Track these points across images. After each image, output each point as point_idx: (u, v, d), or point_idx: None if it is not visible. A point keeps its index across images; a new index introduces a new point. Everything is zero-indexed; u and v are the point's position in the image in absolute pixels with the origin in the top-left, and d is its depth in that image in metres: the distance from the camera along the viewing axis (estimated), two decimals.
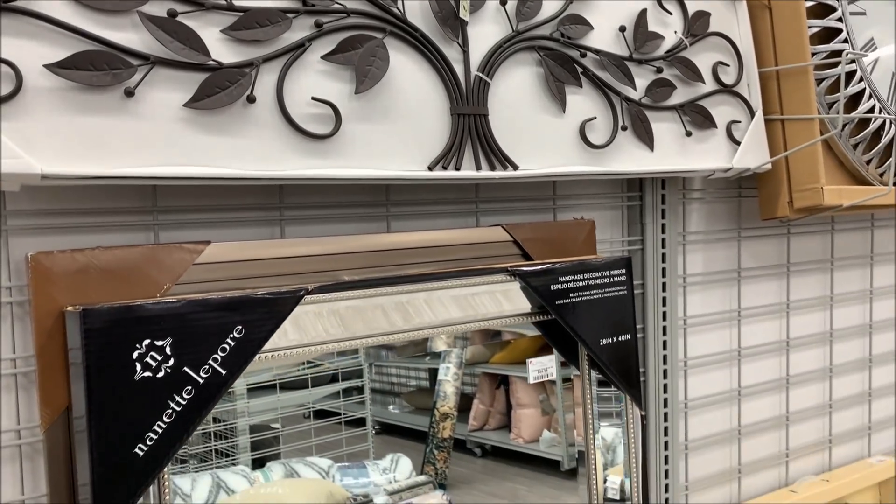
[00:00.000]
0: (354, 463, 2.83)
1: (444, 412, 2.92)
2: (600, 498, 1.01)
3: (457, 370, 2.96)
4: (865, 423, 1.48)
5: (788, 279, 1.33)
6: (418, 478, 2.72)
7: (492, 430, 3.12)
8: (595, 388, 0.96)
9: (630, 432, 0.97)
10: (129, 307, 0.62)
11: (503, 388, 3.09)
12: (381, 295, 0.78)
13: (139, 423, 0.62)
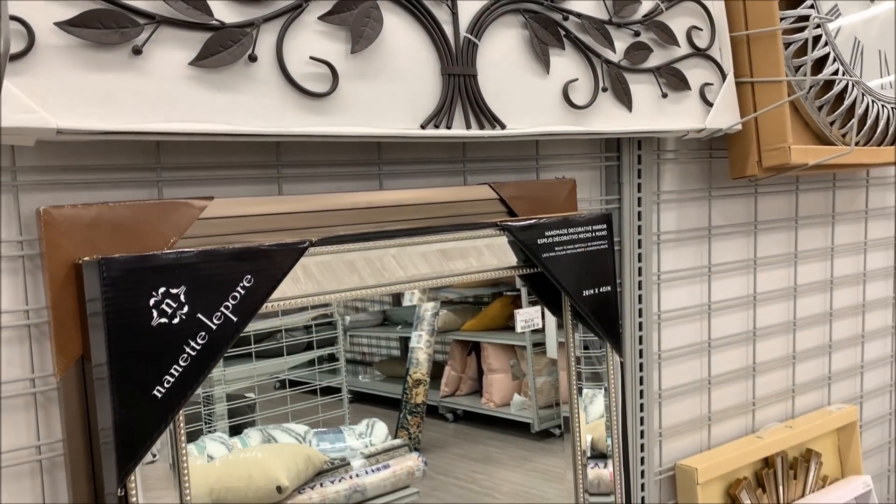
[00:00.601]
0: (331, 428, 2.89)
1: (416, 378, 2.98)
2: (584, 445, 1.07)
3: (429, 338, 3.03)
4: (826, 374, 1.56)
5: (756, 237, 1.40)
6: (394, 441, 2.78)
7: (463, 396, 3.20)
8: (580, 336, 1.01)
9: (611, 378, 1.03)
10: (145, 257, 0.65)
11: (474, 354, 3.17)
12: (379, 248, 0.81)
13: (157, 367, 0.66)
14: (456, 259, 0.88)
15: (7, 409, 0.74)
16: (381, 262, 0.83)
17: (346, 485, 2.41)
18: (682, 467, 1.28)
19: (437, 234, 0.86)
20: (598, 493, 1.12)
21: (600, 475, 1.12)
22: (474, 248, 0.90)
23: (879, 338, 1.68)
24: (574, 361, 1.01)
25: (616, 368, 1.03)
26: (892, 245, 1.67)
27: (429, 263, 0.86)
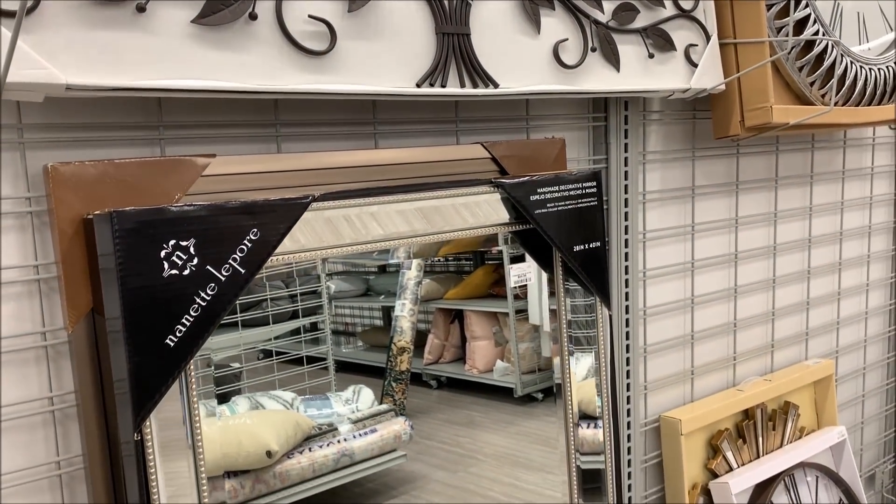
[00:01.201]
0: (317, 395, 2.94)
1: (400, 346, 3.03)
2: (575, 405, 1.10)
3: (412, 306, 3.07)
4: (803, 330, 1.61)
5: (737, 196, 1.43)
6: (380, 406, 2.83)
7: (447, 363, 3.26)
8: (570, 300, 1.05)
9: (600, 332, 1.06)
10: (155, 209, 0.67)
11: (457, 322, 3.22)
12: (378, 203, 0.84)
13: (169, 318, 0.68)
14: (451, 215, 0.91)
15: (18, 363, 0.76)
16: (380, 218, 0.85)
17: (335, 449, 2.46)
18: (667, 419, 1.33)
19: (435, 190, 0.88)
20: (584, 452, 1.16)
21: (584, 435, 1.16)
22: (469, 205, 0.93)
23: (854, 295, 1.73)
24: (565, 322, 1.04)
25: (605, 322, 1.07)
26: (867, 205, 1.72)
27: (426, 219, 0.88)
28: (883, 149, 1.73)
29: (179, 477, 0.74)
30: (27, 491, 0.76)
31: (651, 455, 1.34)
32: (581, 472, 1.15)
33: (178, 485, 0.75)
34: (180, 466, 0.72)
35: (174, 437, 0.73)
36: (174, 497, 0.75)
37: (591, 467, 1.17)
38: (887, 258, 1.79)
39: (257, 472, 2.33)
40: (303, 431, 2.46)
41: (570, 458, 1.13)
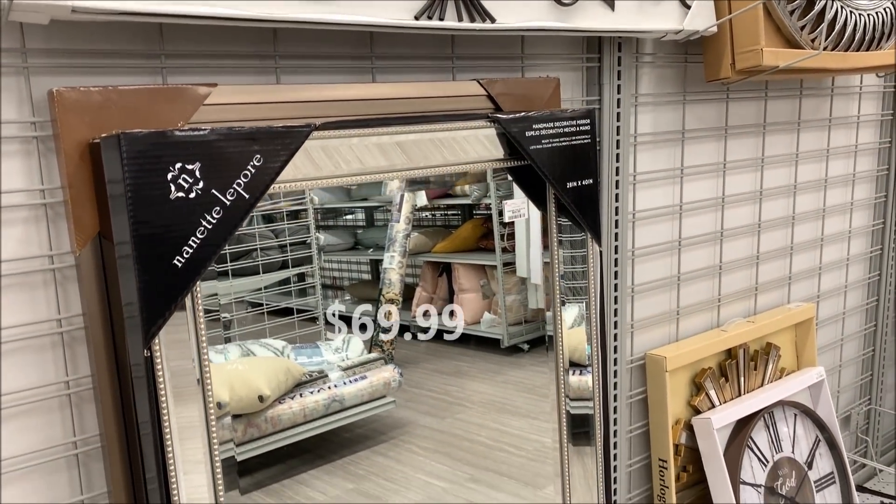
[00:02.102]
0: (308, 343, 2.98)
1: (389, 298, 3.07)
2: (566, 351, 1.13)
3: (401, 259, 3.11)
4: (787, 274, 1.65)
5: (726, 141, 1.46)
6: (370, 355, 2.88)
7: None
8: (558, 221, 1.07)
9: (590, 268, 1.09)
10: (161, 132, 0.68)
11: (445, 275, 3.27)
12: (378, 135, 0.85)
13: (176, 239, 0.69)
14: (449, 148, 0.92)
15: (27, 287, 0.77)
16: (379, 149, 0.87)
17: (325, 395, 2.51)
18: (652, 356, 1.37)
19: (432, 122, 0.90)
20: (575, 398, 1.19)
21: (572, 382, 1.19)
22: (466, 139, 0.94)
23: (837, 241, 1.77)
24: (558, 258, 1.06)
25: (595, 260, 1.09)
26: (852, 153, 1.75)
27: (422, 152, 0.90)
28: (869, 98, 1.75)
29: (186, 390, 0.77)
30: (38, 410, 0.79)
31: (636, 391, 1.38)
32: (570, 417, 1.19)
33: (186, 410, 0.77)
34: (188, 382, 0.75)
35: (182, 367, 0.76)
36: (182, 417, 0.77)
37: (580, 412, 1.21)
38: (870, 206, 1.83)
39: (249, 416, 2.38)
40: (294, 378, 2.51)
41: (560, 404, 1.17)
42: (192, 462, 0.79)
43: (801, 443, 1.53)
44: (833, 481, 1.57)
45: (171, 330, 0.73)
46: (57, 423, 0.80)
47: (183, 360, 0.75)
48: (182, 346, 0.73)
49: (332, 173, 0.83)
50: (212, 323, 0.78)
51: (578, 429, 1.21)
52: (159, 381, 0.73)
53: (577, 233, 1.07)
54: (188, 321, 0.73)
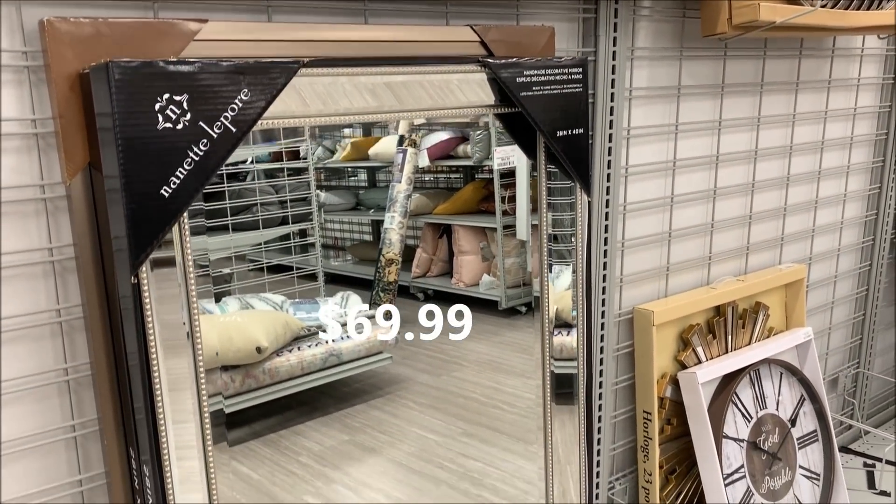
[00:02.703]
0: (306, 299, 3.01)
1: (389, 258, 3.10)
2: (551, 313, 1.14)
3: (401, 219, 3.12)
4: (779, 235, 1.66)
5: (722, 99, 1.45)
6: (368, 311, 2.90)
7: (434, 277, 3.33)
8: (547, 175, 1.08)
9: (578, 218, 1.10)
10: (150, 63, 0.69)
11: (445, 237, 3.28)
12: (367, 74, 0.86)
13: (164, 169, 0.71)
14: (439, 92, 0.93)
15: (18, 216, 0.79)
16: (369, 89, 0.87)
17: (323, 349, 2.54)
18: (640, 310, 1.39)
19: (423, 65, 0.90)
20: (561, 357, 1.21)
21: (563, 342, 1.21)
22: (456, 83, 0.95)
23: (832, 205, 1.77)
24: (546, 207, 1.07)
25: (584, 208, 1.10)
26: (851, 116, 1.75)
27: (412, 95, 0.90)
28: (871, 61, 1.74)
29: (174, 326, 0.78)
30: (29, 336, 0.81)
31: (623, 345, 1.40)
32: (555, 377, 1.20)
33: (172, 334, 0.79)
34: (173, 316, 0.76)
35: (172, 320, 0.77)
36: (172, 369, 0.78)
37: (565, 372, 1.22)
38: (867, 170, 1.83)
39: (248, 367, 2.42)
40: (292, 331, 2.54)
41: (544, 364, 1.18)
42: (182, 412, 0.79)
43: (786, 401, 1.56)
44: (816, 439, 1.60)
45: (162, 284, 0.74)
46: (48, 350, 0.82)
47: (173, 314, 0.76)
48: (173, 300, 0.75)
49: (320, 112, 0.84)
50: (203, 278, 0.79)
51: (564, 389, 1.22)
52: (146, 309, 0.74)
53: (565, 181, 1.07)
54: (178, 275, 0.75)
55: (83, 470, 0.86)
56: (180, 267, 0.75)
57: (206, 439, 0.81)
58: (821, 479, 1.59)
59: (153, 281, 0.74)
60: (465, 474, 1.90)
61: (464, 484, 1.86)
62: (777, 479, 1.51)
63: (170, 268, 0.75)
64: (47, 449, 0.83)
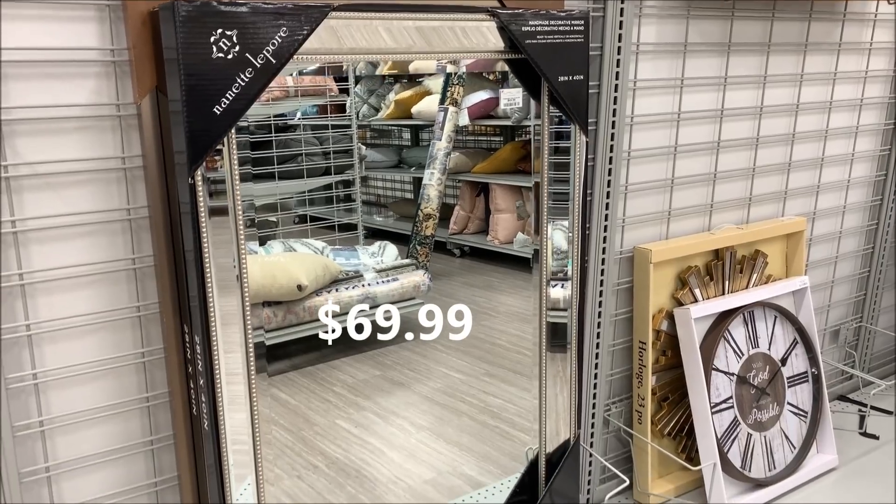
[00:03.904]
0: (346, 247, 3.21)
1: (427, 213, 3.26)
2: (549, 264, 1.28)
3: (440, 176, 3.27)
4: (782, 189, 1.77)
5: (728, 56, 1.56)
6: (403, 260, 3.08)
7: (470, 234, 3.49)
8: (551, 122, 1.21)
9: (576, 158, 1.23)
10: (207, 3, 0.84)
11: (483, 195, 3.44)
12: (389, 19, 1.00)
13: (216, 91, 0.86)
14: (451, 36, 1.06)
15: (98, 130, 0.96)
16: (390, 32, 1.01)
17: (359, 292, 2.73)
18: (640, 249, 1.52)
19: (438, 12, 1.04)
20: (558, 308, 1.32)
21: (560, 294, 1.32)
22: (470, 30, 1.08)
23: (839, 164, 1.86)
24: (547, 150, 1.20)
25: (581, 148, 1.23)
26: (861, 79, 1.83)
27: (429, 37, 1.04)
28: (883, 25, 1.81)
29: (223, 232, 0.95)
30: (105, 230, 0.98)
31: (624, 280, 1.54)
32: (551, 326, 1.32)
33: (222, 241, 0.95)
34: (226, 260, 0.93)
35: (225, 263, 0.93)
36: (224, 306, 0.94)
37: (562, 321, 1.34)
38: (878, 132, 1.91)
39: (289, 304, 2.63)
40: (331, 274, 2.74)
41: (541, 314, 1.30)
42: (230, 343, 0.95)
43: (778, 342, 1.67)
44: (806, 380, 1.72)
45: (217, 231, 0.91)
46: (119, 244, 1.00)
47: (226, 258, 0.93)
48: (226, 245, 0.91)
49: (352, 50, 0.98)
50: (249, 223, 0.94)
51: (559, 339, 1.33)
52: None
53: (566, 124, 1.21)
54: (231, 224, 0.91)
55: (146, 345, 1.04)
56: (231, 211, 0.91)
57: (251, 368, 0.97)
58: (808, 416, 1.71)
59: (210, 228, 0.90)
60: (486, 408, 2.08)
61: (483, 416, 2.03)
62: (764, 412, 1.63)
63: (223, 216, 0.91)
64: (117, 325, 1.01)
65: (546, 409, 1.31)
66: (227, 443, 0.96)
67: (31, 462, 0.98)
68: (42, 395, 0.98)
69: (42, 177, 0.93)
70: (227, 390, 0.96)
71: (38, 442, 0.99)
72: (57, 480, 1.01)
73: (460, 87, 2.81)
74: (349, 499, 1.58)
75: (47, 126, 0.92)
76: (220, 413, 0.95)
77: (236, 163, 0.90)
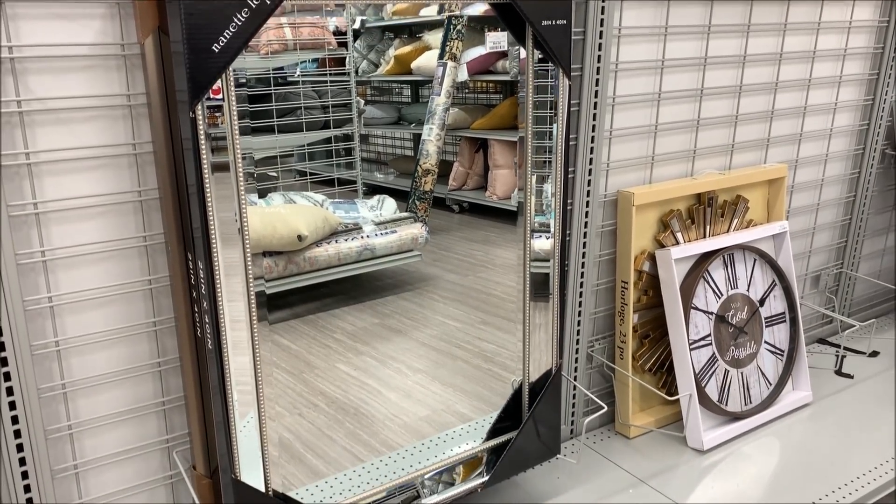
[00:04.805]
0: (346, 199, 3.28)
1: (426, 168, 3.32)
2: (532, 216, 1.34)
3: (439, 131, 3.33)
4: (765, 137, 1.82)
5: (712, 6, 1.60)
6: (401, 213, 3.15)
7: (469, 190, 3.55)
8: (535, 66, 1.26)
9: (559, 99, 1.28)
10: None
11: (482, 152, 3.49)
12: None
13: (214, 31, 0.92)
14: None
15: (105, 69, 1.02)
16: None
17: (358, 243, 2.81)
18: (623, 192, 1.58)
19: None
20: (541, 259, 1.38)
21: (544, 245, 1.38)
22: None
23: (822, 113, 1.91)
24: (530, 99, 1.26)
25: (565, 91, 1.29)
26: (846, 29, 1.87)
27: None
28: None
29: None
30: (111, 164, 1.05)
31: (607, 223, 1.60)
32: (534, 277, 1.38)
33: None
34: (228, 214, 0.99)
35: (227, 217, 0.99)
36: (227, 257, 1.00)
37: (545, 272, 1.40)
38: (861, 83, 1.96)
39: (290, 254, 2.72)
40: (330, 226, 2.83)
41: (525, 265, 1.36)
42: (233, 293, 1.02)
43: (757, 284, 1.75)
44: (784, 320, 1.79)
45: (220, 187, 0.97)
46: (125, 177, 1.06)
47: (228, 212, 0.99)
48: (228, 200, 0.97)
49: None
50: (248, 175, 0.98)
51: (541, 289, 1.39)
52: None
53: (549, 66, 1.26)
54: (232, 180, 0.97)
55: (152, 273, 1.11)
56: (232, 165, 0.96)
57: (252, 315, 1.04)
58: (784, 354, 1.79)
59: (213, 182, 0.96)
60: (480, 353, 2.16)
61: (477, 360, 2.12)
62: (742, 350, 1.71)
63: (224, 172, 0.97)
64: (125, 254, 1.09)
65: (530, 341, 1.39)
66: (230, 364, 1.04)
67: (48, 380, 1.06)
68: (57, 319, 1.05)
69: (53, 112, 0.99)
70: (231, 336, 1.02)
71: (55, 362, 1.07)
72: (73, 398, 1.09)
73: (459, 41, 2.84)
74: (348, 434, 1.67)
75: (56, 64, 0.98)
76: (222, 334, 1.02)
77: (234, 98, 0.96)
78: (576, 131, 1.47)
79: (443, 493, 1.32)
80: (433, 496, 1.31)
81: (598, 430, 1.68)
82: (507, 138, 2.99)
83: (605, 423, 1.69)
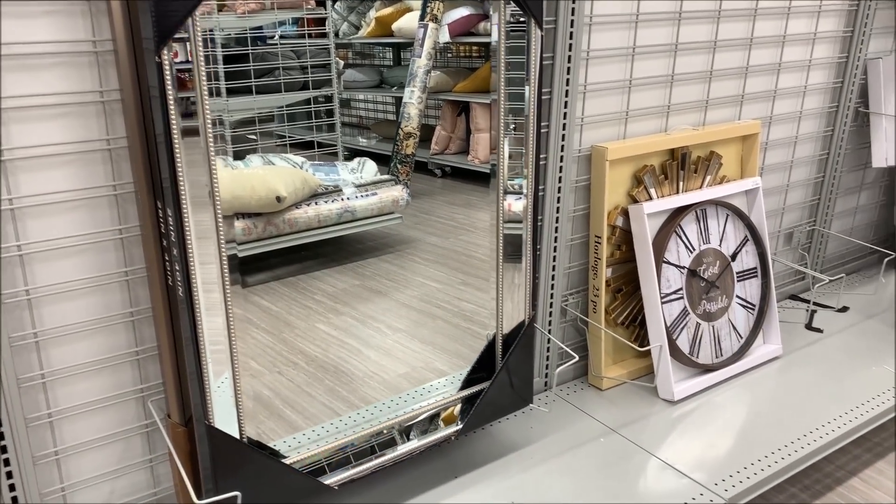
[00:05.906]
0: (325, 162, 3.27)
1: (407, 132, 3.31)
2: (505, 178, 1.34)
3: (420, 94, 3.31)
4: (739, 93, 1.83)
5: None
6: (382, 176, 3.14)
7: (451, 154, 3.54)
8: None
9: (531, 53, 1.29)
10: None
11: (464, 115, 3.49)
12: None
13: None
14: None
15: (67, 14, 1.01)
16: None
17: (338, 205, 2.81)
18: (597, 147, 1.59)
19: None
20: (514, 220, 1.39)
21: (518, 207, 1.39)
22: None
23: (797, 70, 1.93)
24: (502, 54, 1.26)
25: (537, 43, 1.29)
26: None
27: None
28: None
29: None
30: (80, 112, 1.05)
31: (582, 178, 1.61)
32: (507, 238, 1.39)
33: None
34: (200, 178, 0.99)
35: (198, 181, 0.99)
36: (198, 222, 1.00)
37: (517, 233, 1.40)
38: (836, 39, 1.97)
39: (269, 215, 2.72)
40: (310, 187, 2.82)
41: (498, 226, 1.37)
42: (206, 255, 1.02)
43: (730, 239, 1.77)
44: (755, 275, 1.82)
45: (190, 151, 0.96)
46: (94, 126, 1.06)
47: (199, 175, 0.98)
48: (198, 165, 0.97)
49: None
50: (220, 139, 0.97)
51: (514, 249, 1.40)
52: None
53: (522, 19, 1.26)
54: (202, 143, 0.96)
55: (122, 222, 1.11)
56: (202, 127, 0.96)
57: (225, 277, 1.04)
58: (755, 308, 1.82)
59: (183, 147, 0.96)
60: (459, 312, 2.18)
61: (456, 319, 2.14)
62: (713, 304, 1.74)
63: (194, 137, 0.97)
64: (95, 203, 1.09)
65: (503, 293, 1.41)
66: (201, 309, 1.04)
67: (19, 328, 1.07)
68: (27, 267, 1.06)
69: (15, 57, 0.98)
70: (201, 276, 1.02)
71: (26, 311, 1.07)
72: (45, 347, 1.10)
73: (440, 2, 2.82)
74: (327, 391, 1.69)
75: (20, 9, 0.97)
76: (193, 280, 1.03)
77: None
78: (549, 85, 1.47)
79: (419, 440, 1.34)
80: (409, 443, 1.33)
81: (571, 382, 1.71)
82: (489, 101, 2.98)
83: (579, 375, 1.72)
